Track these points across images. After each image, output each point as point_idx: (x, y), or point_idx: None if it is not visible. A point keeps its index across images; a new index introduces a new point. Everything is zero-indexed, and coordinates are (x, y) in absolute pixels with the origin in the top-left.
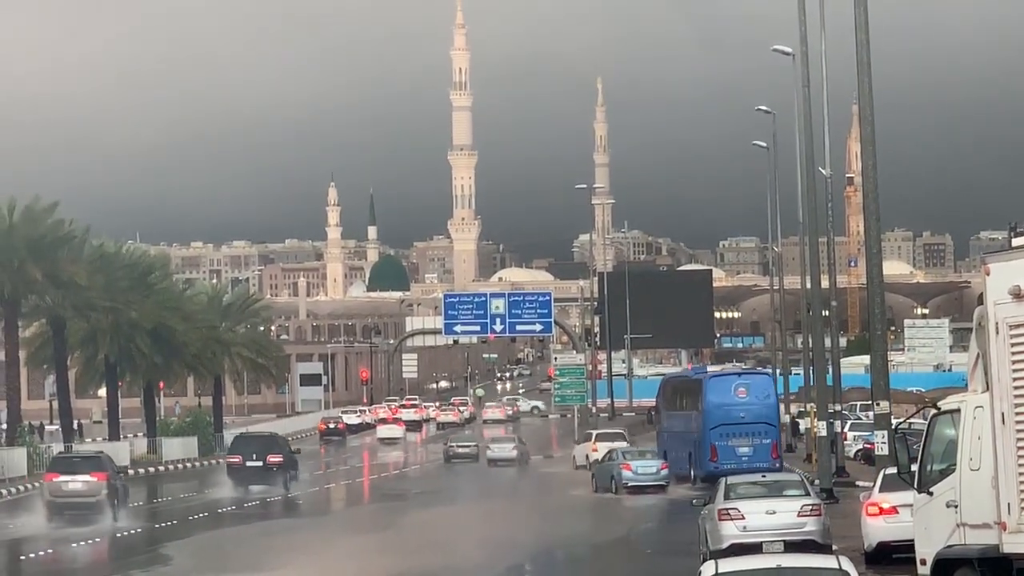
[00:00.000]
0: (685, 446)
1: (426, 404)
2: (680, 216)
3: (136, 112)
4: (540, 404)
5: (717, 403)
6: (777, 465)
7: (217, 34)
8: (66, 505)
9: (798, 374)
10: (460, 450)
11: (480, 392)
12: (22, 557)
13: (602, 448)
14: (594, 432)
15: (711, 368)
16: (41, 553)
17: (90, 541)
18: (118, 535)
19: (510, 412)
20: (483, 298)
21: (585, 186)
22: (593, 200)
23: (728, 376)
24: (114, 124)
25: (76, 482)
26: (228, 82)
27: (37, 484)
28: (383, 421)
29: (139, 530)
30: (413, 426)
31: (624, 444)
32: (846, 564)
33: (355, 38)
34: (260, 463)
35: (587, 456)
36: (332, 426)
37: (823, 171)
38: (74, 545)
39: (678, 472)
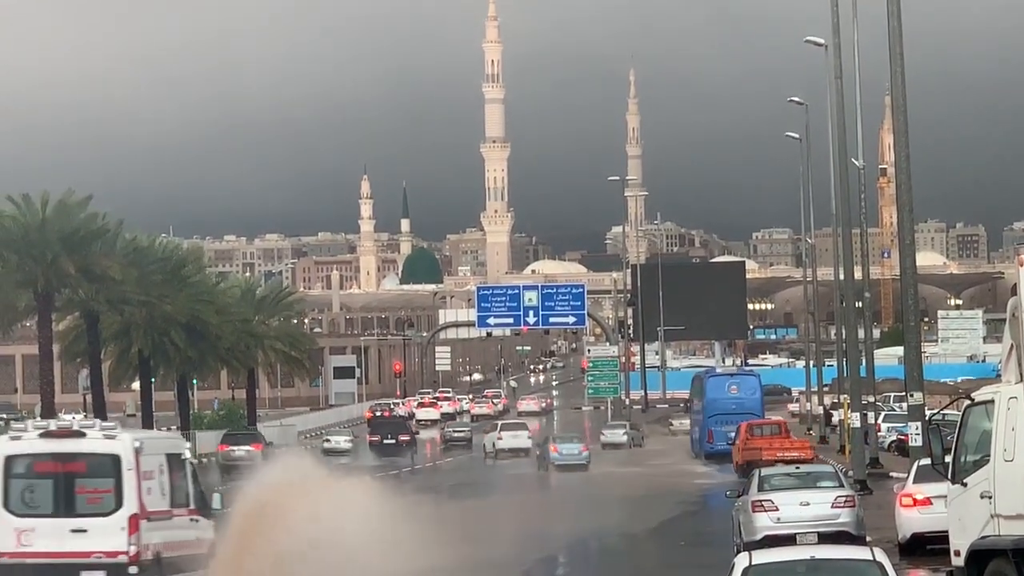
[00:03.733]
0: (697, 429)
1: (459, 397)
2: (713, 208)
3: (169, 106)
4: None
5: (713, 398)
6: None
7: (251, 27)
8: (233, 466)
9: (831, 365)
10: (456, 435)
11: (514, 384)
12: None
13: (506, 436)
14: (499, 423)
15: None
16: None
17: None
18: None
19: (544, 404)
20: (516, 290)
21: (618, 178)
22: (626, 192)
23: (724, 376)
24: (147, 118)
25: (240, 450)
26: (261, 75)
27: None
28: (421, 405)
29: None
30: (447, 418)
31: (526, 432)
32: (880, 555)
33: (388, 31)
34: (393, 441)
35: (493, 444)
36: (379, 414)
37: (856, 162)
38: None
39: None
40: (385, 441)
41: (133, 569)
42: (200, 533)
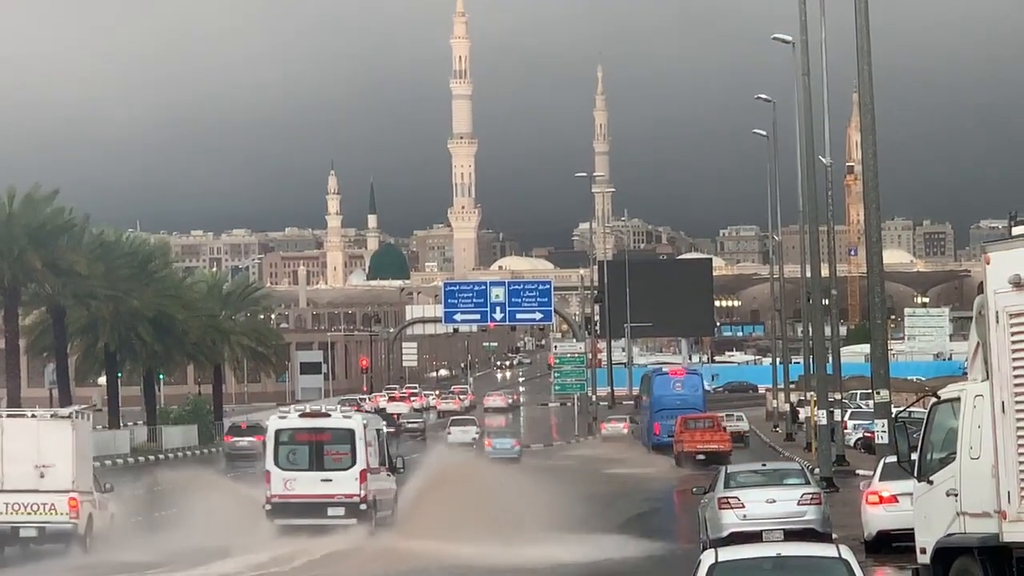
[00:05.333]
0: (645, 423)
1: (426, 392)
2: (680, 204)
3: (135, 101)
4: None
5: (659, 394)
6: None
7: (215, 22)
8: (238, 455)
9: (798, 363)
10: (409, 425)
11: (466, 385)
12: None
13: (455, 431)
14: (450, 418)
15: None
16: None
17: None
18: None
19: (510, 400)
20: (483, 287)
21: (585, 174)
22: (593, 188)
23: (669, 375)
24: (113, 113)
25: (243, 441)
26: (227, 70)
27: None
28: (392, 399)
29: None
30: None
31: (474, 428)
32: (846, 553)
33: (356, 26)
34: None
35: (445, 438)
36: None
37: (823, 159)
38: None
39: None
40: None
41: (363, 506)
42: (391, 485)
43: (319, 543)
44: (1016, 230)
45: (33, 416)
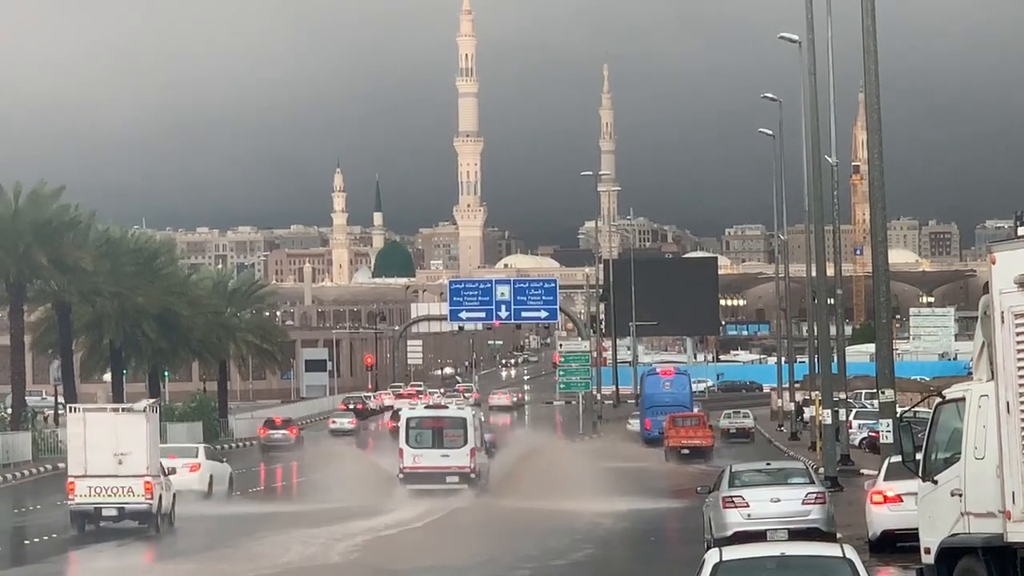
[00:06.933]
0: (640, 420)
1: (431, 390)
2: (686, 203)
3: (143, 98)
4: None
5: (650, 392)
6: None
7: (226, 19)
8: (272, 447)
9: (803, 362)
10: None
11: (459, 379)
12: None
13: None
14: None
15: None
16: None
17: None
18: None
19: (515, 399)
20: (488, 285)
21: (591, 173)
22: (599, 187)
23: (659, 375)
24: (120, 110)
25: (278, 434)
26: (235, 67)
27: (42, 469)
28: (400, 396)
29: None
30: None
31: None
32: (850, 552)
33: (362, 24)
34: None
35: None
36: (352, 407)
37: (829, 159)
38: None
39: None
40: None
41: (472, 475)
42: (486, 460)
43: (441, 502)
44: (1021, 230)
45: (111, 410)
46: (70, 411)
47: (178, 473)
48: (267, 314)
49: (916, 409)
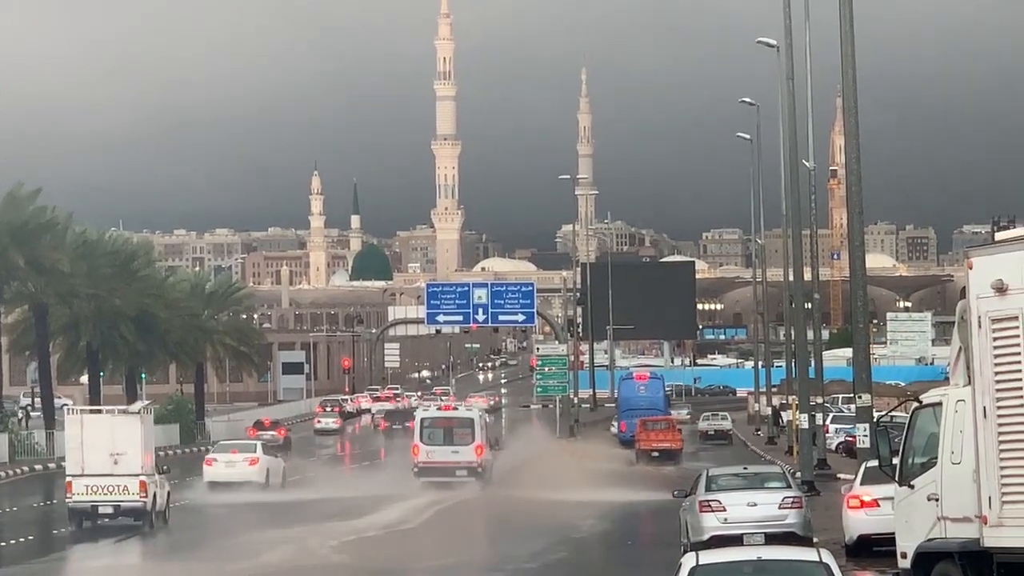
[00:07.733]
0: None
1: (408, 393)
2: (663, 207)
3: (119, 100)
4: None
5: (626, 396)
6: None
7: (202, 22)
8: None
9: (780, 366)
10: (395, 427)
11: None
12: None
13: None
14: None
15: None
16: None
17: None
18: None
19: (492, 402)
20: (466, 288)
21: (568, 177)
22: (576, 191)
23: (634, 379)
24: (97, 112)
25: (267, 435)
26: (212, 70)
27: (20, 471)
28: (376, 399)
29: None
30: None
31: None
32: (826, 557)
33: (340, 26)
34: (401, 426)
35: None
36: (329, 409)
37: (807, 164)
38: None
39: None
40: (394, 426)
41: (479, 470)
42: (491, 456)
43: (451, 493)
44: (998, 235)
45: (108, 412)
46: (68, 413)
47: (238, 467)
48: (244, 317)
49: (893, 414)
